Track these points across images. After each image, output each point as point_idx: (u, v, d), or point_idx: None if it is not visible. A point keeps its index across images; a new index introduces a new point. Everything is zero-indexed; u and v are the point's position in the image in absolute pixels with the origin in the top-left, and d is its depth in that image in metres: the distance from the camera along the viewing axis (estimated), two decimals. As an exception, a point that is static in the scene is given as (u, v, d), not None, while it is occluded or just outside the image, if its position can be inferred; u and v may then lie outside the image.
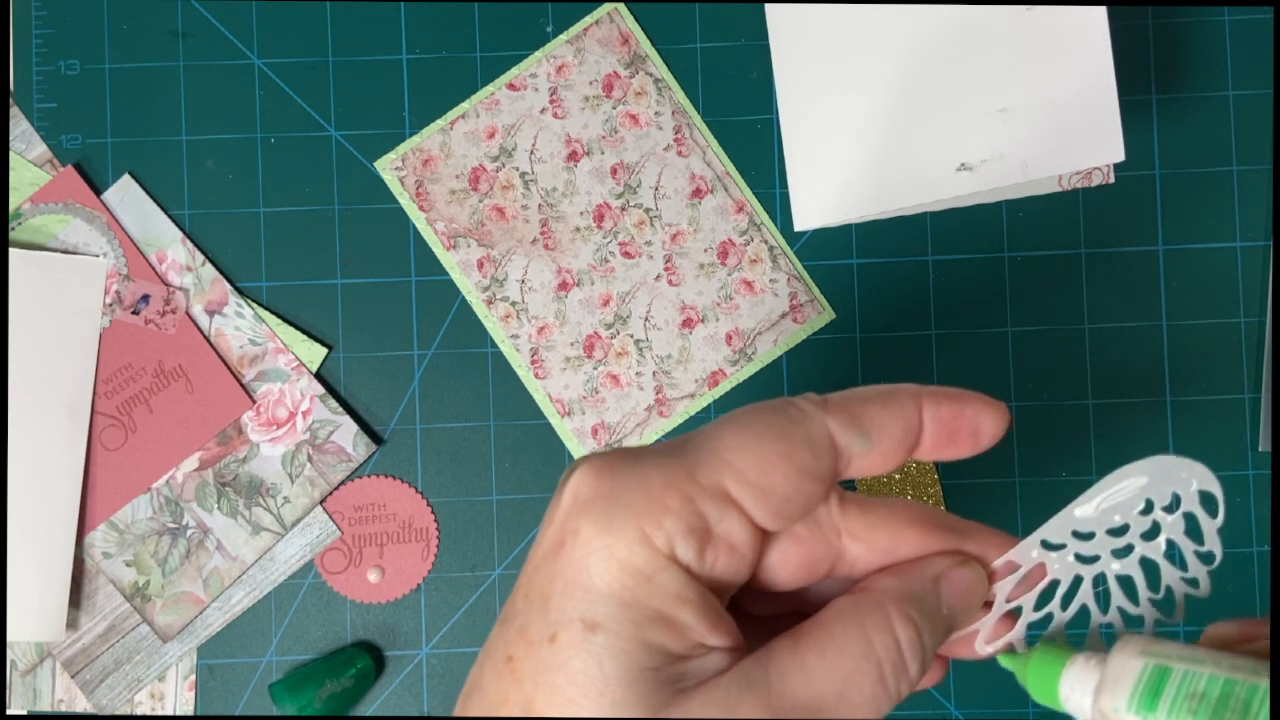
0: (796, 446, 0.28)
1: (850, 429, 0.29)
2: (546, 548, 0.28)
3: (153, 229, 0.55)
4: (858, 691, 0.27)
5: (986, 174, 0.51)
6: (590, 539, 0.27)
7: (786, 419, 0.28)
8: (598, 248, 0.55)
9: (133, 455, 0.54)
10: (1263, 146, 0.55)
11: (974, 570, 0.30)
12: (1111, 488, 0.29)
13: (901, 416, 0.29)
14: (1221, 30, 0.55)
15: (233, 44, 0.55)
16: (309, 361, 0.54)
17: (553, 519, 0.28)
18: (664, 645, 0.26)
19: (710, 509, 0.27)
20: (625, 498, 0.27)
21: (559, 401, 0.54)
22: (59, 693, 0.54)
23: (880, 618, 0.28)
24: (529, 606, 0.27)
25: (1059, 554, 0.30)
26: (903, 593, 0.29)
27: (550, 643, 0.26)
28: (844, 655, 0.27)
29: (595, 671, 0.26)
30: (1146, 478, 0.29)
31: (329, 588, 0.54)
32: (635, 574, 0.26)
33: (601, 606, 0.26)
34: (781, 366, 0.55)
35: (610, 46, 0.55)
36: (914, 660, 0.28)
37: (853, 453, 0.29)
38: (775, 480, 0.28)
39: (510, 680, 0.27)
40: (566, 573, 0.27)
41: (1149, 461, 0.29)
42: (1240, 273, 0.55)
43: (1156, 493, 0.29)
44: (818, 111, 0.53)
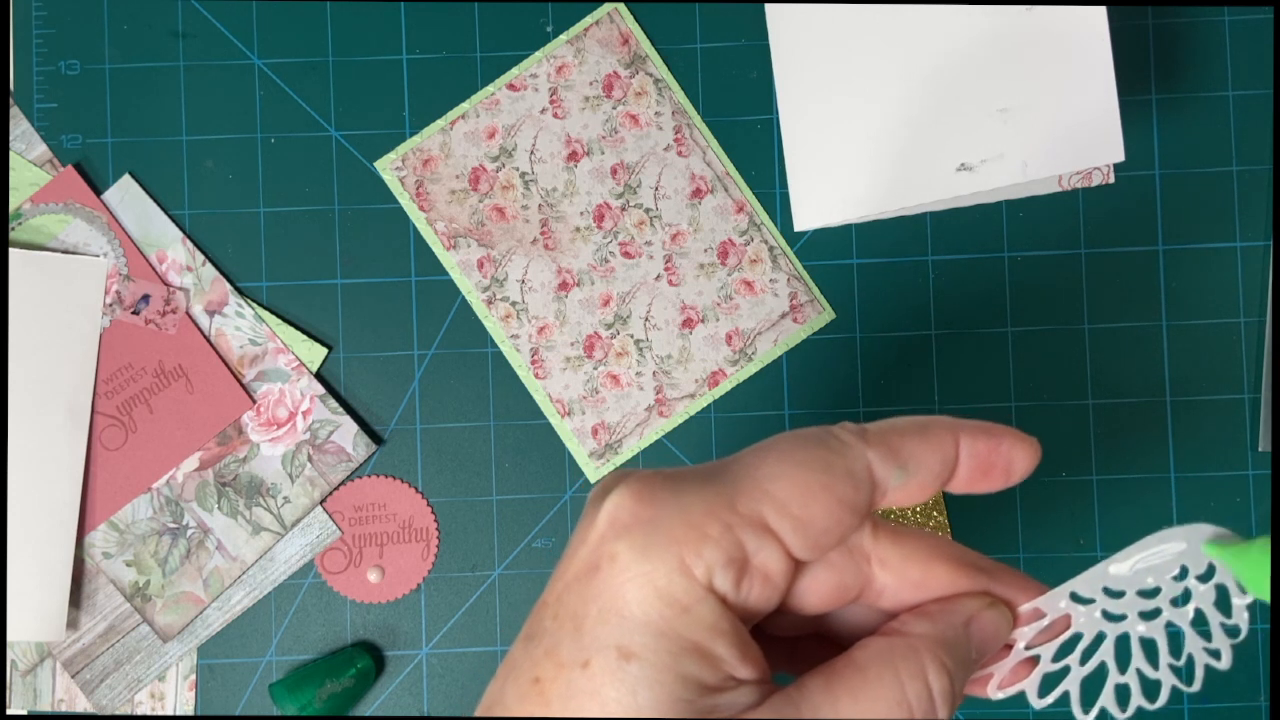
0: (838, 479, 0.28)
1: (889, 462, 0.29)
2: (579, 569, 0.27)
3: (153, 229, 0.55)
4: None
5: (986, 174, 0.51)
6: (628, 565, 0.26)
7: (828, 450, 0.28)
8: (598, 248, 0.55)
9: (133, 455, 0.54)
10: (1263, 146, 0.55)
11: (1002, 614, 0.30)
12: (1149, 550, 0.30)
13: (939, 451, 0.29)
14: (1221, 30, 0.55)
15: (233, 44, 0.55)
16: (309, 361, 0.54)
17: (585, 539, 0.27)
18: (698, 677, 0.26)
19: (749, 539, 0.27)
20: (665, 524, 0.27)
21: (559, 401, 0.54)
22: (59, 693, 0.54)
23: (915, 665, 0.28)
24: (559, 628, 0.27)
25: (1087, 608, 0.30)
26: (937, 639, 0.29)
27: (583, 668, 0.26)
28: (877, 700, 0.27)
29: (629, 701, 0.26)
30: (1185, 544, 0.29)
31: (329, 588, 0.54)
32: (673, 603, 0.26)
33: (638, 636, 0.26)
34: (781, 366, 0.55)
35: (610, 46, 0.55)
36: (944, 707, 0.28)
37: (889, 485, 0.29)
38: (816, 512, 0.27)
39: (538, 702, 0.27)
40: (602, 598, 0.26)
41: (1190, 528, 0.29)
42: (1240, 273, 0.55)
43: (1192, 560, 0.30)
44: (818, 111, 0.53)
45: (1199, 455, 0.54)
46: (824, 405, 0.55)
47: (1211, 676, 0.30)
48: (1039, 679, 0.31)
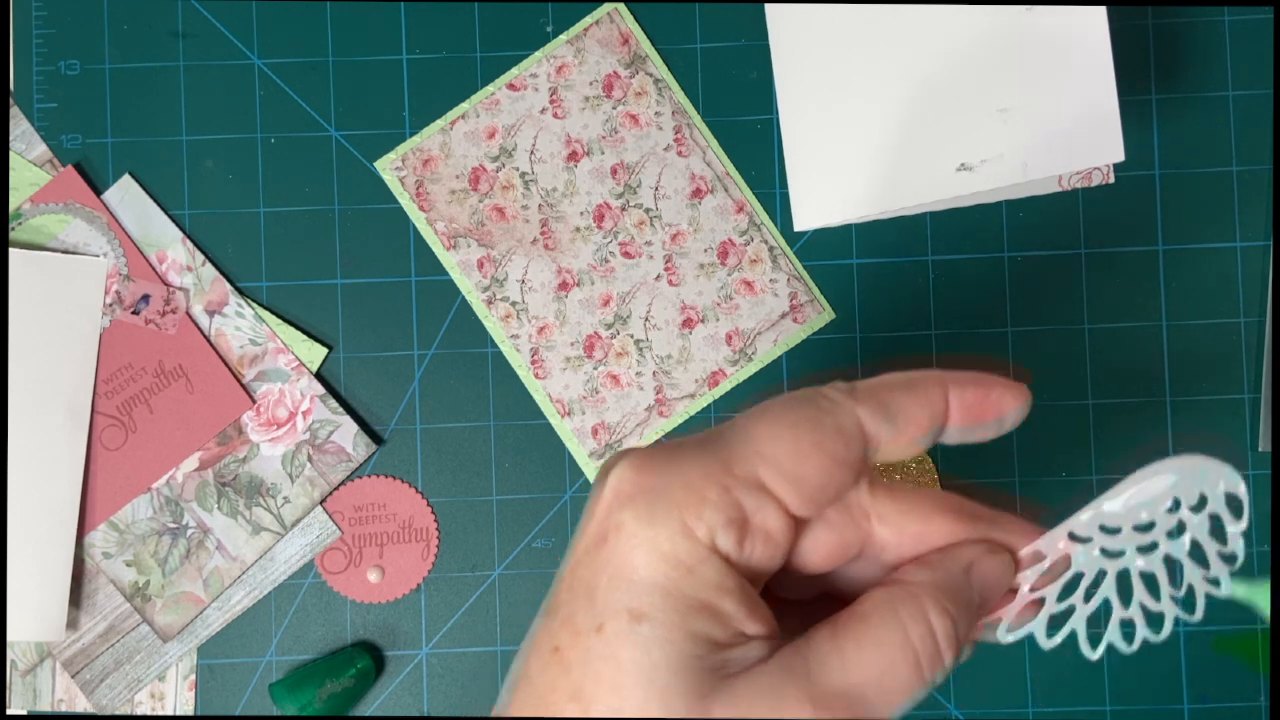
0: (828, 436, 0.29)
1: (878, 416, 0.30)
2: (589, 542, 0.28)
3: (153, 229, 0.55)
4: (894, 680, 0.28)
5: (986, 174, 0.51)
6: (634, 532, 0.28)
7: (817, 409, 0.29)
8: (598, 248, 0.55)
9: (133, 455, 0.54)
10: (1263, 146, 0.55)
11: (1002, 559, 0.31)
12: (1140, 484, 0.31)
13: (927, 403, 0.30)
14: (1221, 30, 0.55)
15: (233, 44, 0.55)
16: (309, 361, 0.54)
17: (593, 513, 0.29)
18: (707, 634, 0.27)
19: (747, 499, 0.28)
20: (666, 491, 0.28)
21: (559, 401, 0.54)
22: (59, 693, 0.54)
23: (916, 609, 0.29)
24: (573, 598, 0.28)
25: (1085, 547, 0.31)
26: (937, 584, 0.29)
27: (598, 633, 0.27)
28: (881, 646, 0.28)
29: (643, 659, 0.27)
30: (1175, 476, 0.30)
31: (329, 588, 0.54)
32: (678, 565, 0.27)
33: (647, 597, 0.27)
34: (781, 366, 0.55)
35: (610, 46, 0.55)
36: (949, 649, 0.29)
37: (881, 438, 0.30)
38: (808, 470, 0.29)
39: (558, 669, 0.28)
40: (611, 565, 0.28)
41: (1178, 460, 0.30)
42: (1240, 273, 0.55)
43: (1184, 492, 0.30)
44: (818, 111, 0.53)
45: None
46: (824, 405, 0.55)
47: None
48: (1045, 620, 0.31)
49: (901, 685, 0.28)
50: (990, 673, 0.54)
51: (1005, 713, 0.54)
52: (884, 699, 0.28)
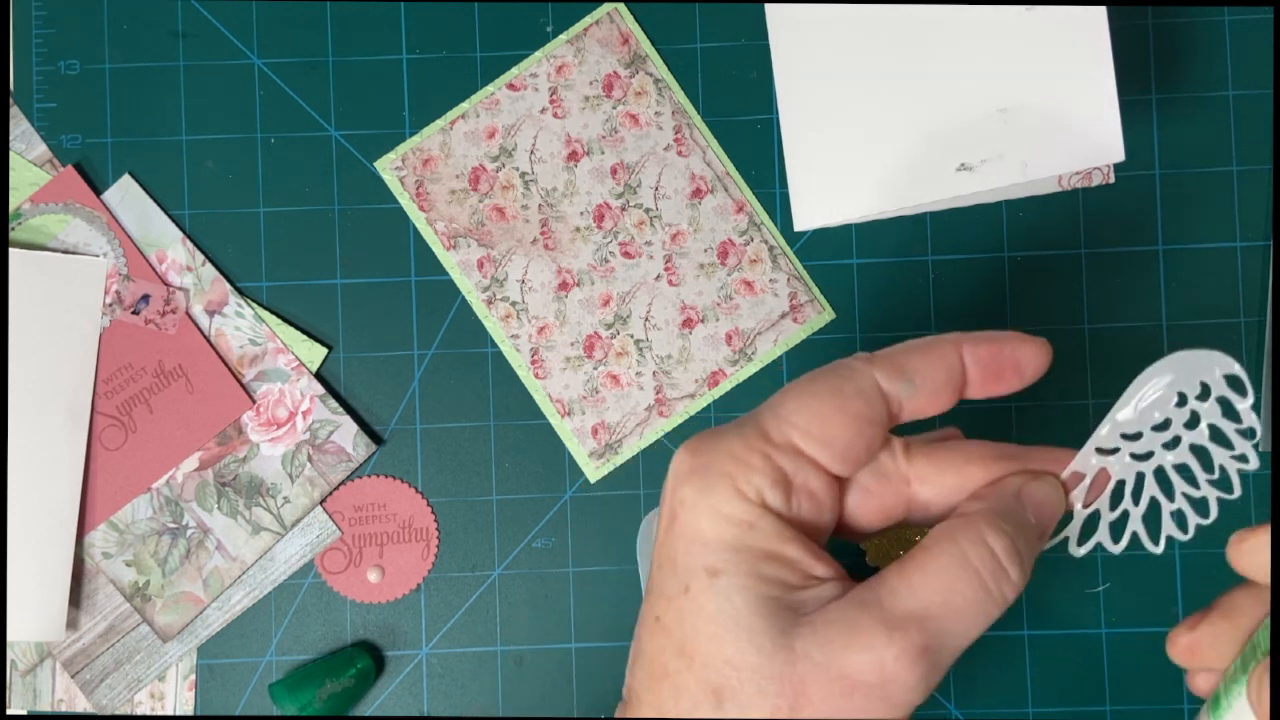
0: (849, 399, 0.32)
1: (895, 377, 0.33)
2: (664, 523, 0.32)
3: (153, 229, 0.55)
4: (961, 598, 0.31)
5: (986, 174, 0.51)
6: (696, 503, 0.31)
7: (838, 377, 0.33)
8: (598, 248, 0.55)
9: (133, 455, 0.54)
10: (1263, 146, 0.55)
11: (1048, 482, 0.33)
12: (1143, 388, 0.33)
13: (942, 360, 0.33)
14: (1221, 30, 0.55)
15: (233, 44, 0.55)
16: (309, 361, 0.54)
17: (664, 500, 0.32)
18: (779, 578, 0.31)
19: (786, 462, 0.31)
20: (715, 464, 0.31)
21: (559, 401, 0.54)
22: (59, 693, 0.54)
23: (973, 532, 0.31)
24: (662, 574, 0.32)
25: (1115, 457, 0.33)
26: (990, 509, 0.32)
27: (685, 594, 0.31)
28: (944, 569, 0.31)
29: (727, 607, 0.30)
30: (1172, 374, 0.33)
31: (329, 588, 0.54)
32: (739, 523, 0.31)
33: (718, 554, 0.31)
34: (781, 366, 0.55)
35: (610, 46, 0.55)
36: (1012, 565, 0.31)
37: (902, 398, 0.33)
38: (835, 431, 0.32)
39: (662, 635, 0.31)
40: (684, 536, 0.31)
41: (1170, 359, 0.33)
42: (1240, 273, 0.55)
43: (1186, 386, 0.32)
44: (818, 111, 0.53)
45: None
46: (824, 405, 0.55)
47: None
48: (1106, 529, 0.34)
49: (968, 602, 0.31)
50: (990, 673, 0.54)
51: (1005, 713, 0.54)
52: (954, 618, 0.31)
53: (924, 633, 0.30)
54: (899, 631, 0.30)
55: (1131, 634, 0.54)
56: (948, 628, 0.30)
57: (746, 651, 0.30)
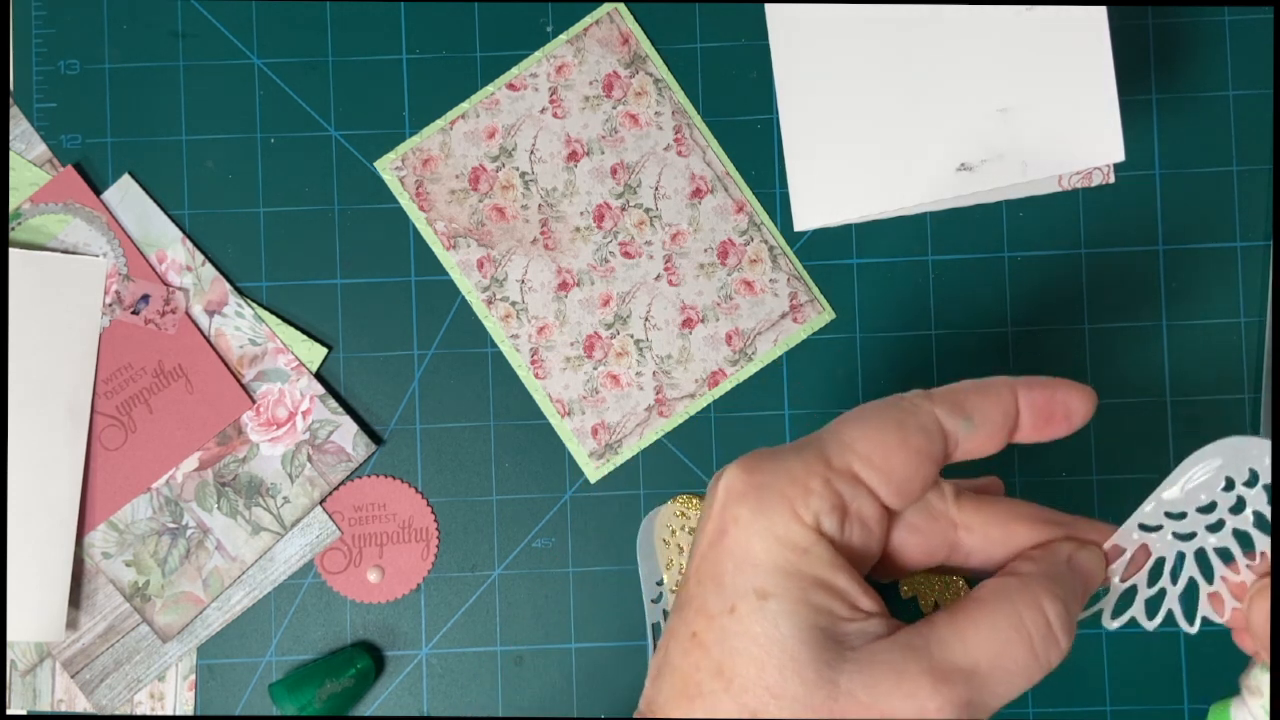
0: (912, 433, 0.32)
1: (955, 415, 0.33)
2: (710, 538, 0.32)
3: (153, 229, 0.55)
4: (1011, 660, 0.31)
5: (986, 174, 0.51)
6: (750, 523, 0.31)
7: (901, 410, 0.33)
8: (598, 248, 0.55)
9: (133, 455, 0.54)
10: (1263, 146, 0.55)
11: (1093, 552, 0.34)
12: (1192, 470, 0.33)
13: (999, 403, 0.34)
14: (1221, 30, 0.55)
15: (233, 44, 0.55)
16: (309, 361, 0.54)
17: (710, 514, 0.32)
18: (828, 608, 0.30)
19: (845, 489, 0.32)
20: (774, 485, 0.31)
21: (559, 401, 0.54)
22: (59, 693, 0.54)
23: (1029, 596, 0.32)
24: (703, 590, 0.31)
25: (1158, 534, 0.34)
26: (1046, 574, 0.32)
27: (730, 614, 0.30)
28: (998, 628, 0.31)
29: (774, 632, 0.30)
30: (1222, 459, 0.33)
31: (329, 588, 0.54)
32: (794, 547, 0.31)
33: (771, 578, 0.30)
34: (781, 366, 0.55)
35: (610, 46, 0.55)
36: (1064, 633, 0.32)
37: (959, 436, 0.33)
38: (895, 463, 0.32)
39: (699, 652, 0.31)
40: (734, 554, 0.31)
41: (1222, 444, 0.33)
42: (1240, 273, 0.55)
43: (1235, 471, 0.33)
44: (817, 111, 0.53)
45: (1199, 455, 0.54)
46: (824, 405, 0.55)
47: (1213, 678, 0.33)
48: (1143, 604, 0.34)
49: (1017, 665, 0.31)
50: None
51: (1005, 712, 0.54)
52: (1000, 678, 0.31)
53: (969, 688, 0.30)
54: (945, 684, 0.30)
55: (1132, 634, 0.54)
56: (992, 686, 0.31)
57: (790, 680, 0.30)
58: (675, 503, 0.54)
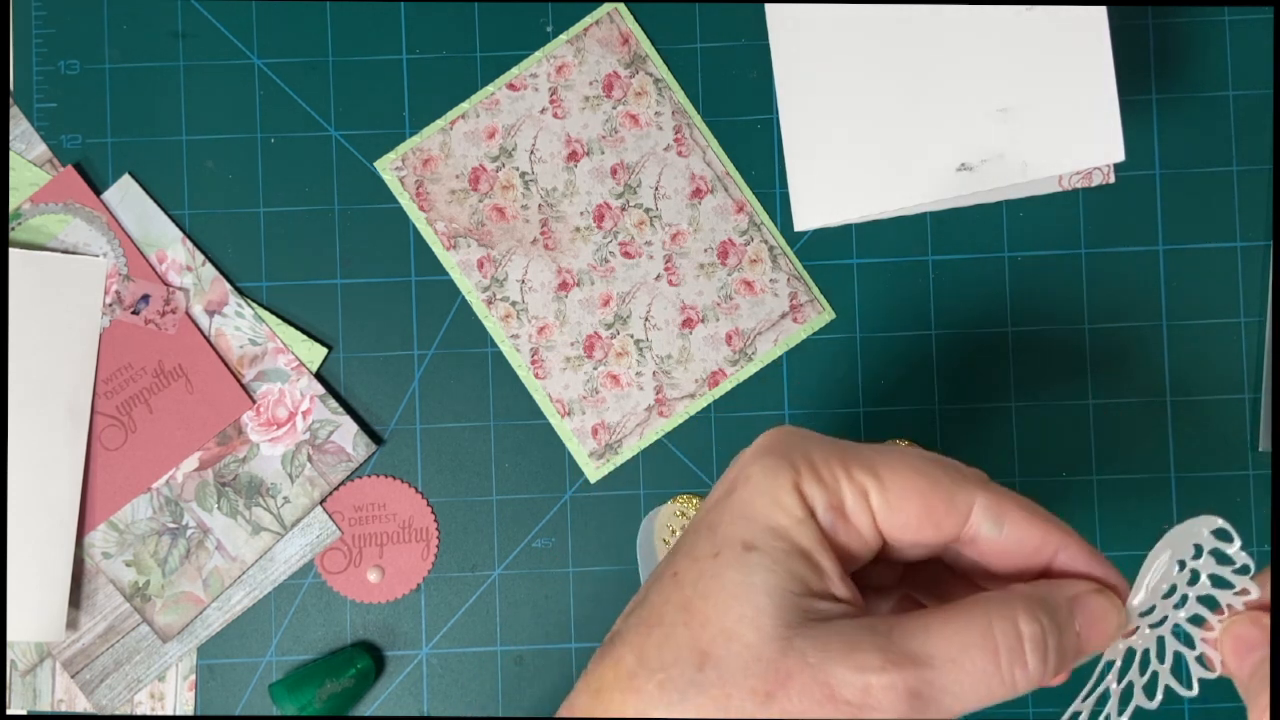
0: (939, 499, 0.32)
1: (989, 514, 0.33)
2: (719, 494, 0.33)
3: (153, 229, 0.55)
4: (970, 664, 0.31)
5: (986, 174, 0.51)
6: (760, 483, 0.32)
7: (945, 475, 0.33)
8: (598, 248, 0.55)
9: (133, 455, 0.54)
10: (1263, 146, 0.55)
11: (1111, 600, 0.33)
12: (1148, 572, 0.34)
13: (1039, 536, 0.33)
14: (1221, 30, 0.55)
15: (233, 44, 0.55)
16: (309, 361, 0.54)
17: (728, 474, 0.33)
18: (804, 577, 0.31)
19: (849, 498, 0.32)
20: (791, 458, 0.32)
21: (559, 401, 0.54)
22: (59, 693, 0.54)
23: (1006, 609, 0.31)
24: (696, 536, 0.33)
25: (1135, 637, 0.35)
26: (1034, 595, 0.32)
27: (714, 558, 0.32)
28: (964, 630, 0.31)
29: (747, 580, 0.31)
30: (1169, 549, 0.34)
31: (329, 588, 0.54)
32: (790, 515, 0.32)
33: (760, 533, 0.31)
34: (781, 366, 0.55)
35: (610, 46, 0.55)
36: (1034, 655, 0.31)
37: (980, 530, 0.33)
38: (905, 509, 0.32)
39: (673, 587, 0.32)
40: (735, 508, 0.32)
41: (1165, 538, 0.34)
42: (1240, 273, 0.55)
43: (1182, 554, 0.34)
44: (818, 111, 0.53)
45: (1199, 455, 0.54)
46: (824, 405, 0.55)
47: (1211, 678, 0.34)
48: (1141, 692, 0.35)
49: (976, 671, 0.31)
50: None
51: (1005, 713, 0.54)
52: (955, 679, 0.30)
53: (919, 678, 0.30)
54: (895, 666, 0.30)
55: (1131, 634, 0.54)
56: (944, 684, 0.30)
57: (747, 628, 0.30)
58: (675, 503, 0.54)
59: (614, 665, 0.32)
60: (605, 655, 0.32)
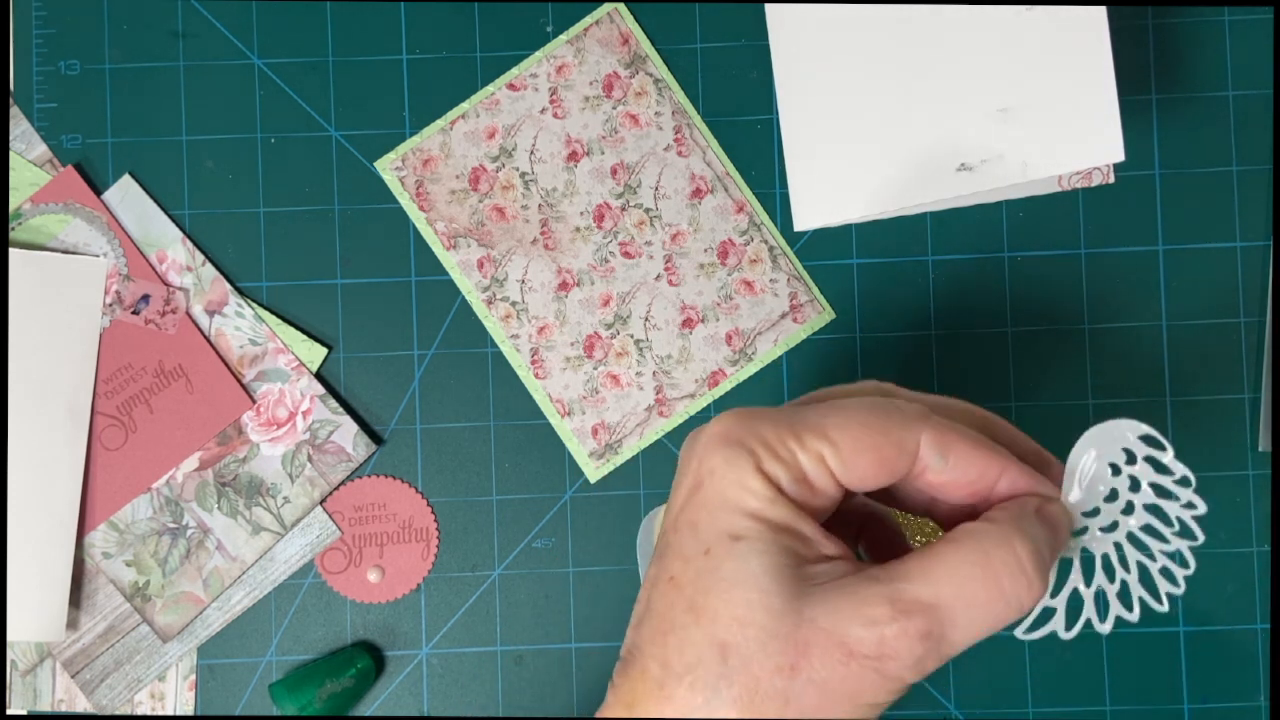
0: (888, 443, 0.34)
1: (935, 448, 0.34)
2: (687, 490, 0.34)
3: (153, 229, 0.55)
4: (975, 596, 0.32)
5: (986, 174, 0.51)
6: (724, 474, 0.33)
7: (889, 420, 0.34)
8: (598, 248, 0.55)
9: (133, 455, 0.54)
10: (1263, 146, 0.55)
11: (1060, 507, 0.35)
12: (1076, 468, 0.36)
13: (980, 464, 0.35)
14: (1221, 30, 0.55)
15: (233, 44, 0.55)
16: (309, 361, 0.54)
17: (689, 469, 0.34)
18: (795, 549, 0.32)
19: (808, 464, 0.33)
20: (746, 443, 0.33)
21: (559, 401, 0.54)
22: (59, 693, 0.54)
23: (1000, 536, 0.33)
24: (679, 537, 0.33)
25: (1087, 536, 0.36)
26: (1016, 518, 0.34)
27: (705, 555, 0.32)
28: (964, 564, 0.32)
29: (743, 568, 0.32)
30: (1094, 448, 0.36)
31: (329, 588, 0.54)
32: (761, 497, 0.33)
33: (742, 521, 0.32)
34: (781, 366, 0.55)
35: (610, 46, 0.55)
36: (1035, 571, 0.33)
37: (930, 466, 0.34)
38: (861, 463, 0.33)
39: (674, 592, 0.33)
40: (710, 502, 0.33)
41: (1086, 436, 0.36)
42: (1240, 273, 0.55)
43: (1112, 456, 0.35)
44: (818, 111, 0.53)
45: (1199, 455, 0.54)
46: (824, 405, 0.55)
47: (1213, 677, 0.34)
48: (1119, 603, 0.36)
49: (982, 601, 0.32)
50: (990, 673, 0.54)
51: (1005, 713, 0.54)
52: (963, 612, 0.32)
53: (929, 620, 0.31)
54: (904, 614, 0.31)
55: (1131, 634, 0.54)
56: (954, 620, 0.32)
57: (757, 610, 0.31)
58: (675, 503, 0.54)
59: (641, 677, 0.32)
60: (628, 670, 0.33)
